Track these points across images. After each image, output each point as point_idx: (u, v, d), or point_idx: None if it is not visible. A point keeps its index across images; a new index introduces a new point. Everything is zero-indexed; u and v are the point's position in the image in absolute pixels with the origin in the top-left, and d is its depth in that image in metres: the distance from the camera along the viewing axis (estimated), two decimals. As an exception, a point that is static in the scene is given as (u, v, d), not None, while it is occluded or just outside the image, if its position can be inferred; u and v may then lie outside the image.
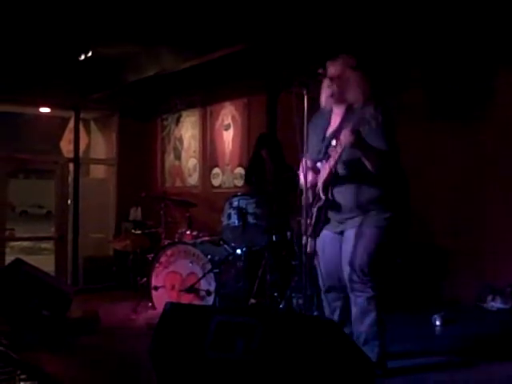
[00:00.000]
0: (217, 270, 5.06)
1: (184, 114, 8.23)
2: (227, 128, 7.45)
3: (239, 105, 7.25)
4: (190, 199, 6.51)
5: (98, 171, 9.25)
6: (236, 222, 5.07)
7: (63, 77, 7.39)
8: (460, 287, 5.19)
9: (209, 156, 7.76)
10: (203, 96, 7.80)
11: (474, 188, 5.28)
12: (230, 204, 5.16)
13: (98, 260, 7.87)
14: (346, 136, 3.25)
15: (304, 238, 3.89)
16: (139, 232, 6.73)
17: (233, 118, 7.36)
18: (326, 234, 3.66)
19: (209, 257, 5.15)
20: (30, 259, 5.63)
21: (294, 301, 4.75)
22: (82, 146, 8.32)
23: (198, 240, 5.59)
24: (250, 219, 5.06)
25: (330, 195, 3.52)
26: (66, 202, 7.98)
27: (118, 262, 7.38)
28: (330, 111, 3.73)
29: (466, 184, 5.31)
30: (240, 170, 7.07)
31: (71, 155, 8.05)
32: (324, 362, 2.58)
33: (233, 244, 5.33)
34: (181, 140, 8.31)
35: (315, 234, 3.55)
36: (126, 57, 6.88)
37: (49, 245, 8.52)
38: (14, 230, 8.86)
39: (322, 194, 3.53)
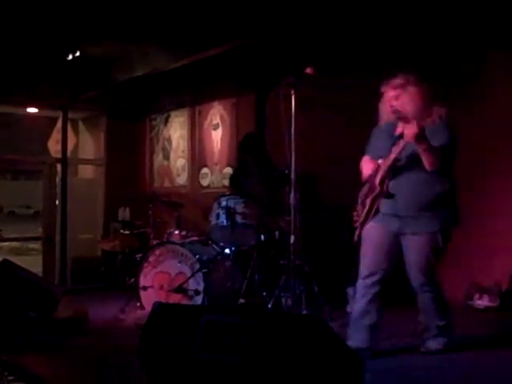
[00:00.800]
0: (205, 270, 5.06)
1: (172, 114, 8.22)
2: (216, 128, 7.44)
3: (228, 104, 7.25)
4: (179, 199, 6.50)
5: (87, 171, 9.21)
6: (225, 221, 5.08)
7: (51, 77, 7.35)
8: (450, 285, 5.21)
9: (197, 156, 7.75)
10: (192, 96, 7.79)
11: (463, 184, 5.30)
12: (219, 204, 5.17)
13: (87, 260, 7.83)
14: (409, 129, 3.48)
15: (292, 237, 3.98)
16: (128, 232, 6.70)
17: (221, 117, 7.36)
18: (372, 225, 3.90)
19: (197, 256, 5.14)
20: (18, 260, 5.60)
21: (283, 300, 4.76)
22: (70, 146, 8.27)
23: (187, 240, 5.58)
24: (239, 219, 5.07)
25: (385, 187, 3.76)
26: (53, 202, 7.94)
27: (107, 263, 7.35)
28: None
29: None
30: (229, 170, 7.06)
31: (59, 155, 8.01)
32: (312, 360, 2.59)
33: (221, 244, 5.34)
34: (169, 140, 8.29)
35: (365, 223, 3.90)
36: (115, 56, 6.85)
37: (37, 245, 8.48)
38: (2, 230, 8.81)
39: (377, 185, 3.78)
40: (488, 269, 5.41)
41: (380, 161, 3.83)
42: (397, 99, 3.76)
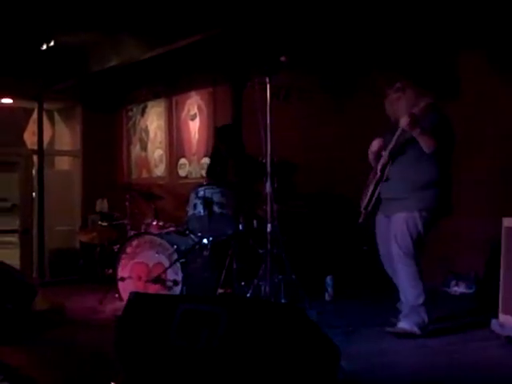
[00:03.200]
0: (183, 260, 5.04)
1: (149, 104, 8.16)
2: (193, 118, 7.41)
3: (205, 94, 7.22)
4: (157, 190, 6.47)
5: (63, 163, 9.13)
6: (202, 211, 5.06)
7: (26, 67, 7.25)
8: (427, 272, 5.26)
9: (175, 146, 7.72)
10: (168, 86, 7.75)
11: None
12: (196, 194, 5.15)
13: (65, 253, 7.78)
14: (402, 120, 4.02)
15: (269, 225, 3.99)
16: (106, 224, 6.66)
17: (199, 107, 7.33)
18: (379, 218, 4.37)
19: (175, 247, 5.11)
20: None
21: (262, 289, 4.76)
22: (46, 138, 8.17)
23: (164, 230, 5.55)
24: (216, 209, 5.06)
25: (385, 173, 4.23)
26: (30, 194, 7.85)
27: (85, 255, 7.31)
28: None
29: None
30: (207, 160, 7.03)
31: (35, 147, 7.91)
32: (290, 348, 2.60)
33: (199, 234, 5.32)
34: (146, 131, 8.24)
35: (369, 207, 4.33)
36: (90, 46, 6.79)
37: (14, 238, 8.39)
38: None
39: (378, 171, 4.25)
40: (465, 256, 5.47)
41: (383, 152, 4.30)
42: (398, 100, 4.33)
